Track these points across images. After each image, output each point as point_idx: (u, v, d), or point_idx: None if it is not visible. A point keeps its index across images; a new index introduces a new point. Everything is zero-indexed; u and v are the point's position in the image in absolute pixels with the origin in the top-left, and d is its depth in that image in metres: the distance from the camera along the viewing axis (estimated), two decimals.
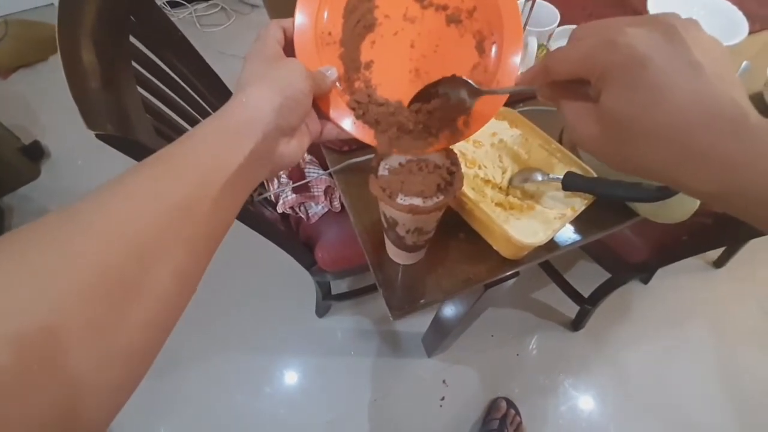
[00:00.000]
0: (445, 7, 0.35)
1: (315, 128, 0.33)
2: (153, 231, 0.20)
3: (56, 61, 0.37)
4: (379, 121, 0.34)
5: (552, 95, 0.26)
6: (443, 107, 0.33)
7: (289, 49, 0.33)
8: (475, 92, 0.32)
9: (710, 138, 0.18)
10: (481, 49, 0.35)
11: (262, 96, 0.27)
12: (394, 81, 0.35)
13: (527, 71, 0.27)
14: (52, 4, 1.94)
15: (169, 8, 1.96)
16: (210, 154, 0.24)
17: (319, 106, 0.34)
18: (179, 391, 1.12)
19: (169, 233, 0.21)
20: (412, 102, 0.34)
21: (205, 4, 2.02)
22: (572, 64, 0.23)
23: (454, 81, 0.32)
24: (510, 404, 1.10)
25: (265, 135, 0.26)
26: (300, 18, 0.34)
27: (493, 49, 0.34)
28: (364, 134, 0.35)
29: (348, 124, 0.35)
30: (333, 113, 0.34)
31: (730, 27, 0.68)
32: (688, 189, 0.20)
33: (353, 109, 0.34)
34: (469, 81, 0.31)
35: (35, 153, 1.48)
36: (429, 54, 0.35)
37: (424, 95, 0.33)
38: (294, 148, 0.30)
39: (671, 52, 0.19)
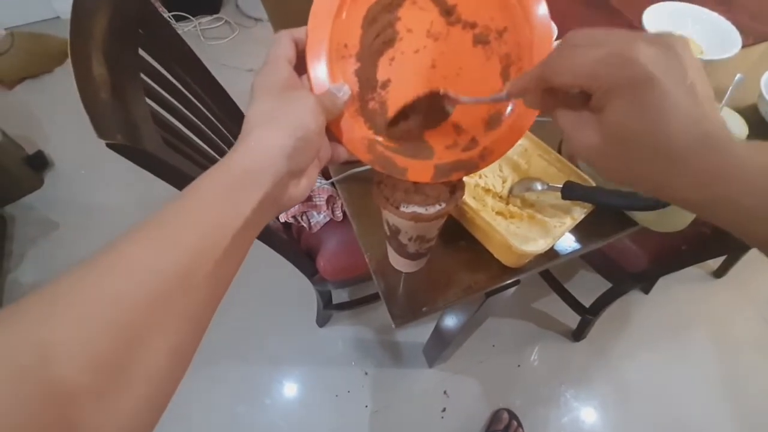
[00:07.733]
0: (473, 25, 0.32)
1: (325, 155, 0.31)
2: (143, 311, 0.19)
3: (61, 72, 0.38)
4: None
5: (543, 104, 0.26)
6: (425, 120, 0.32)
7: (300, 63, 0.31)
8: (453, 101, 0.30)
9: (705, 154, 0.20)
10: (506, 75, 0.32)
11: (272, 140, 0.25)
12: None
13: (518, 79, 0.26)
14: (59, 17, 1.97)
15: (174, 21, 1.99)
16: (215, 212, 0.22)
17: (331, 129, 0.31)
18: (177, 402, 1.10)
19: (163, 310, 0.19)
20: (390, 123, 0.32)
21: (209, 18, 2.06)
22: (576, 76, 0.22)
23: (431, 97, 0.30)
24: (512, 416, 1.09)
25: (275, 182, 0.25)
26: (314, 27, 0.31)
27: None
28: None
29: (363, 150, 0.32)
30: (346, 138, 0.32)
31: (724, 41, 0.70)
32: (679, 198, 0.22)
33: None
34: (447, 93, 0.30)
35: (39, 163, 1.49)
36: (451, 77, 0.32)
37: (402, 114, 0.31)
38: (303, 186, 0.28)
39: (673, 74, 0.20)
